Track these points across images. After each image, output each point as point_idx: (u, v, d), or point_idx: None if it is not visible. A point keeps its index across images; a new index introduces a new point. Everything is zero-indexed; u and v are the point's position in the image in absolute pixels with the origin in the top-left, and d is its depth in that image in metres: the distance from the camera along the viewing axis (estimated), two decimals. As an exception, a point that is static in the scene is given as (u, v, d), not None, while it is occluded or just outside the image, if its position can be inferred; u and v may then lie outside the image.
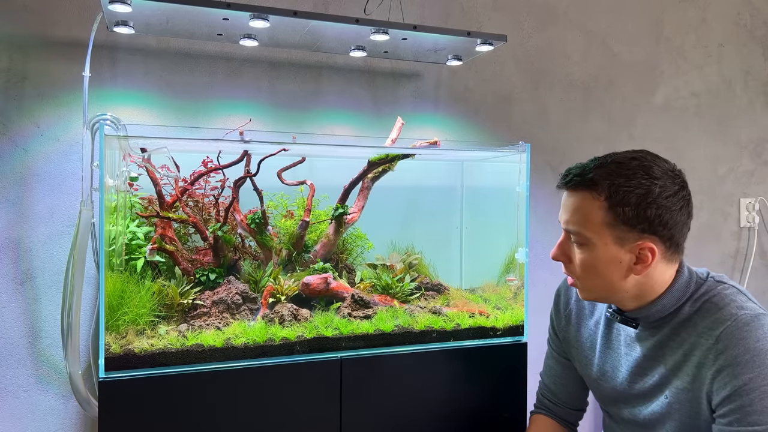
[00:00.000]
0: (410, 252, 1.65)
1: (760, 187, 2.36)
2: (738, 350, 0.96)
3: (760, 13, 2.36)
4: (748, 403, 0.94)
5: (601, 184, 1.00)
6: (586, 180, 1.01)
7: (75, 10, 1.48)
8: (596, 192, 1.00)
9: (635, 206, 0.98)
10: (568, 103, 2.03)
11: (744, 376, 0.94)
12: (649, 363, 1.09)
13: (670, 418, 1.06)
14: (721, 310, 1.01)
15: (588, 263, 1.04)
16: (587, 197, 1.01)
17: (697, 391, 1.01)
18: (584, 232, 1.02)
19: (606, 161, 1.03)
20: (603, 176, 1.00)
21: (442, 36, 1.49)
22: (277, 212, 1.53)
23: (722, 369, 0.97)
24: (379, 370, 1.32)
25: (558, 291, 1.31)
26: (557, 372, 1.31)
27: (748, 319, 0.97)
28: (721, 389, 0.97)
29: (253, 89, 1.65)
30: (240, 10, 1.28)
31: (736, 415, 0.95)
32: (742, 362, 0.95)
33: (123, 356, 1.16)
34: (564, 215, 1.06)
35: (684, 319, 1.05)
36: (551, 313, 1.32)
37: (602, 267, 1.03)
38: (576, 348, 1.25)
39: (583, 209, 1.02)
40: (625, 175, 1.00)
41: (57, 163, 1.46)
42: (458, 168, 1.81)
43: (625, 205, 0.99)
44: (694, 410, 1.03)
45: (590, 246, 1.03)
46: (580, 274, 1.06)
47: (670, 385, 1.05)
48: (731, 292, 1.04)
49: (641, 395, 1.11)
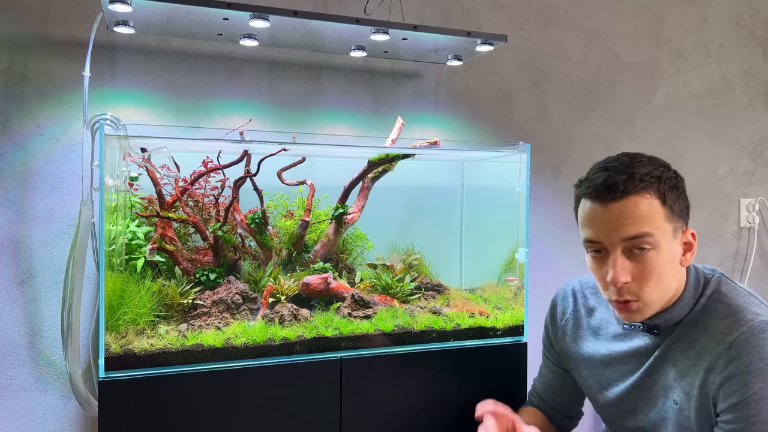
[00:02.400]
0: (410, 252, 1.65)
1: (760, 187, 2.36)
2: (751, 358, 0.94)
3: (760, 13, 2.36)
4: (755, 412, 0.92)
5: (649, 181, 0.98)
6: (635, 182, 0.98)
7: (75, 10, 1.48)
8: (646, 192, 0.98)
9: (678, 195, 1.00)
10: (568, 103, 2.03)
11: (755, 386, 0.93)
12: (659, 363, 1.06)
13: (677, 423, 1.04)
14: (736, 315, 0.98)
15: (657, 269, 0.98)
16: (639, 201, 0.97)
17: (705, 397, 0.99)
18: (654, 232, 0.97)
19: (624, 163, 1.00)
20: (642, 176, 0.98)
21: (442, 36, 1.49)
22: (277, 212, 1.53)
23: (732, 376, 0.95)
24: (379, 370, 1.32)
25: (554, 300, 1.30)
26: (550, 380, 1.30)
27: (763, 326, 0.95)
28: (729, 396, 0.95)
29: (253, 89, 1.65)
30: (240, 10, 1.28)
31: (742, 424, 0.93)
32: (754, 371, 0.93)
33: (123, 356, 1.16)
34: (623, 228, 0.98)
35: (694, 318, 1.03)
36: (546, 322, 1.31)
37: (666, 268, 0.99)
38: (575, 359, 1.23)
39: (643, 212, 0.97)
40: (657, 168, 0.99)
41: (57, 162, 1.46)
42: (458, 168, 1.81)
43: (674, 195, 0.99)
44: (702, 417, 1.00)
45: (658, 248, 0.98)
46: (647, 287, 0.99)
47: (678, 388, 1.03)
48: (744, 293, 1.02)
49: (649, 398, 1.08)
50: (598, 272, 1.04)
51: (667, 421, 1.05)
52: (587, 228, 1.02)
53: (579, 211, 1.06)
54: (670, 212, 0.99)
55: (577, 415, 1.30)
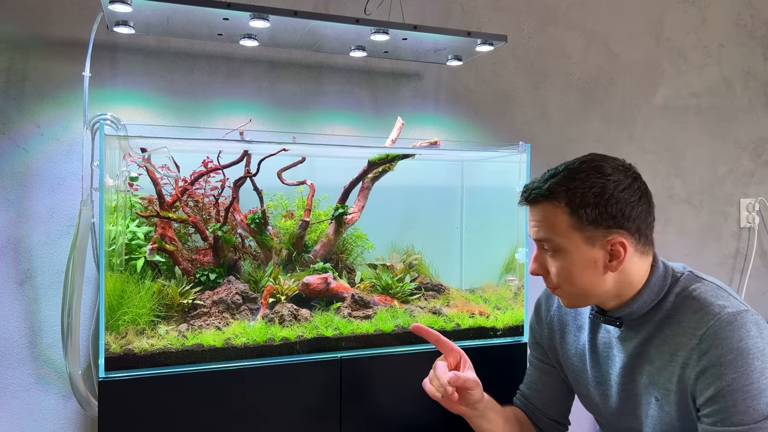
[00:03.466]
0: (410, 252, 1.65)
1: (760, 187, 2.36)
2: (721, 350, 0.96)
3: (760, 13, 2.36)
4: (732, 403, 0.94)
5: (557, 192, 1.04)
6: (543, 192, 1.05)
7: (75, 10, 1.48)
8: (556, 201, 1.04)
9: (595, 205, 1.02)
10: (568, 103, 2.03)
11: (728, 377, 0.95)
12: (636, 362, 1.09)
13: (659, 419, 1.06)
14: (704, 309, 1.01)
15: (565, 270, 1.06)
16: (549, 207, 1.05)
17: (683, 392, 1.01)
18: (555, 239, 1.05)
19: (558, 170, 1.07)
20: (558, 184, 1.04)
21: (442, 36, 1.49)
22: (277, 212, 1.53)
23: (706, 369, 0.97)
24: (379, 370, 1.32)
25: (538, 301, 1.31)
26: (534, 377, 1.29)
27: (730, 318, 0.98)
28: (705, 389, 0.97)
29: (254, 89, 1.65)
30: (240, 10, 1.28)
31: (721, 416, 0.95)
32: (725, 362, 0.95)
33: (123, 356, 1.16)
34: (533, 228, 1.09)
35: (666, 315, 1.06)
36: (531, 323, 1.32)
37: (579, 270, 1.05)
38: (563, 356, 1.24)
39: (548, 219, 1.06)
40: (579, 178, 1.04)
41: (57, 162, 1.46)
42: (458, 168, 1.81)
43: (586, 206, 1.03)
44: (682, 412, 1.02)
45: (563, 252, 1.05)
46: (559, 282, 1.08)
47: (658, 385, 1.05)
48: (712, 287, 1.05)
49: (632, 397, 1.10)
50: None
51: (650, 418, 1.07)
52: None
53: None
54: (580, 222, 1.03)
55: (562, 419, 1.27)
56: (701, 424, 0.98)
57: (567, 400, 1.28)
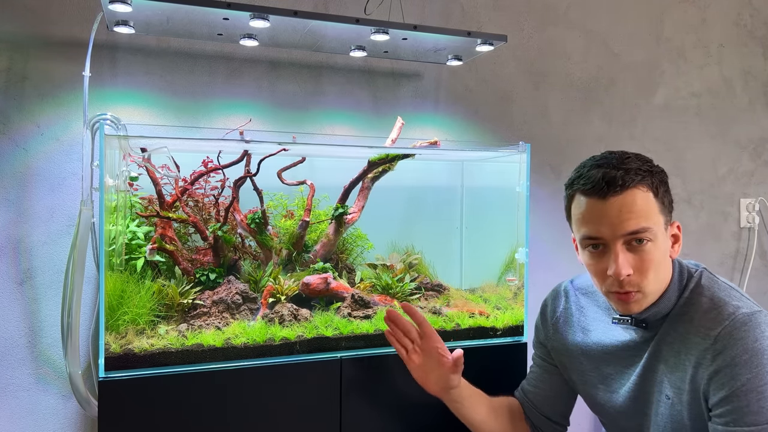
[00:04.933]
0: (410, 252, 1.65)
1: (760, 187, 2.36)
2: (736, 350, 0.96)
3: (760, 13, 2.36)
4: (746, 404, 0.94)
5: (640, 176, 1.01)
6: (627, 179, 1.00)
7: (75, 10, 1.48)
8: (642, 186, 1.01)
9: (666, 189, 1.04)
10: (568, 103, 2.03)
11: (742, 377, 0.94)
12: (652, 361, 1.08)
13: (670, 418, 1.05)
14: (718, 308, 1.01)
15: (656, 260, 1.02)
16: (637, 194, 1.00)
17: (695, 392, 1.01)
18: (652, 226, 1.01)
19: (617, 159, 1.03)
20: (636, 170, 1.01)
21: (442, 36, 1.49)
22: (277, 212, 1.53)
23: (720, 370, 0.96)
24: (379, 370, 1.32)
25: (544, 302, 1.31)
26: (537, 375, 1.28)
27: (745, 319, 0.97)
28: (718, 390, 0.96)
29: (254, 89, 1.65)
30: (240, 10, 1.28)
31: (734, 416, 0.94)
32: (740, 363, 0.95)
33: (123, 356, 1.16)
34: (624, 223, 1.00)
35: (679, 312, 1.05)
36: (537, 324, 1.31)
37: (662, 259, 1.04)
38: (568, 357, 1.23)
39: (641, 206, 1.00)
40: (646, 163, 1.03)
41: (57, 162, 1.46)
42: (458, 168, 1.81)
43: (663, 189, 1.03)
44: (693, 411, 1.02)
45: (655, 241, 1.02)
46: (648, 277, 1.02)
47: (669, 383, 1.05)
48: (725, 287, 1.05)
49: (645, 396, 1.09)
50: (597, 266, 1.06)
51: (660, 416, 1.07)
52: (587, 225, 1.04)
53: (573, 209, 1.08)
54: (662, 205, 1.03)
55: (557, 418, 1.26)
56: (713, 424, 0.98)
57: (566, 400, 1.27)
